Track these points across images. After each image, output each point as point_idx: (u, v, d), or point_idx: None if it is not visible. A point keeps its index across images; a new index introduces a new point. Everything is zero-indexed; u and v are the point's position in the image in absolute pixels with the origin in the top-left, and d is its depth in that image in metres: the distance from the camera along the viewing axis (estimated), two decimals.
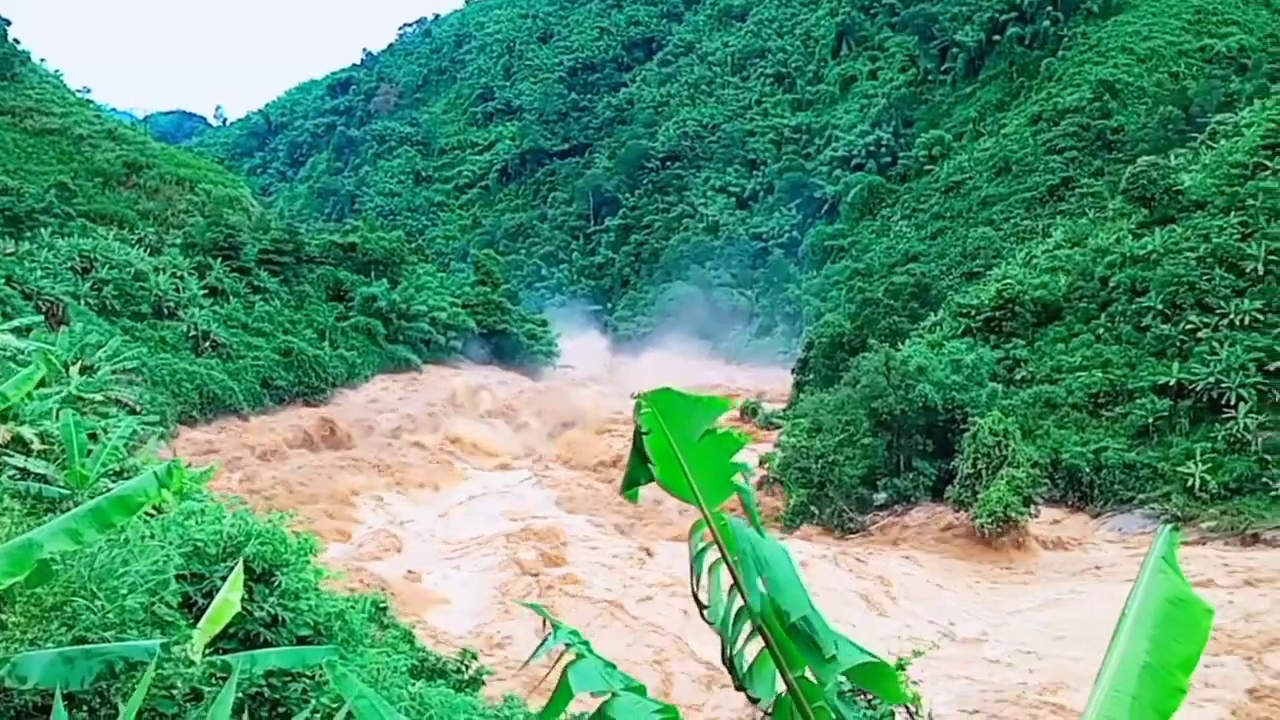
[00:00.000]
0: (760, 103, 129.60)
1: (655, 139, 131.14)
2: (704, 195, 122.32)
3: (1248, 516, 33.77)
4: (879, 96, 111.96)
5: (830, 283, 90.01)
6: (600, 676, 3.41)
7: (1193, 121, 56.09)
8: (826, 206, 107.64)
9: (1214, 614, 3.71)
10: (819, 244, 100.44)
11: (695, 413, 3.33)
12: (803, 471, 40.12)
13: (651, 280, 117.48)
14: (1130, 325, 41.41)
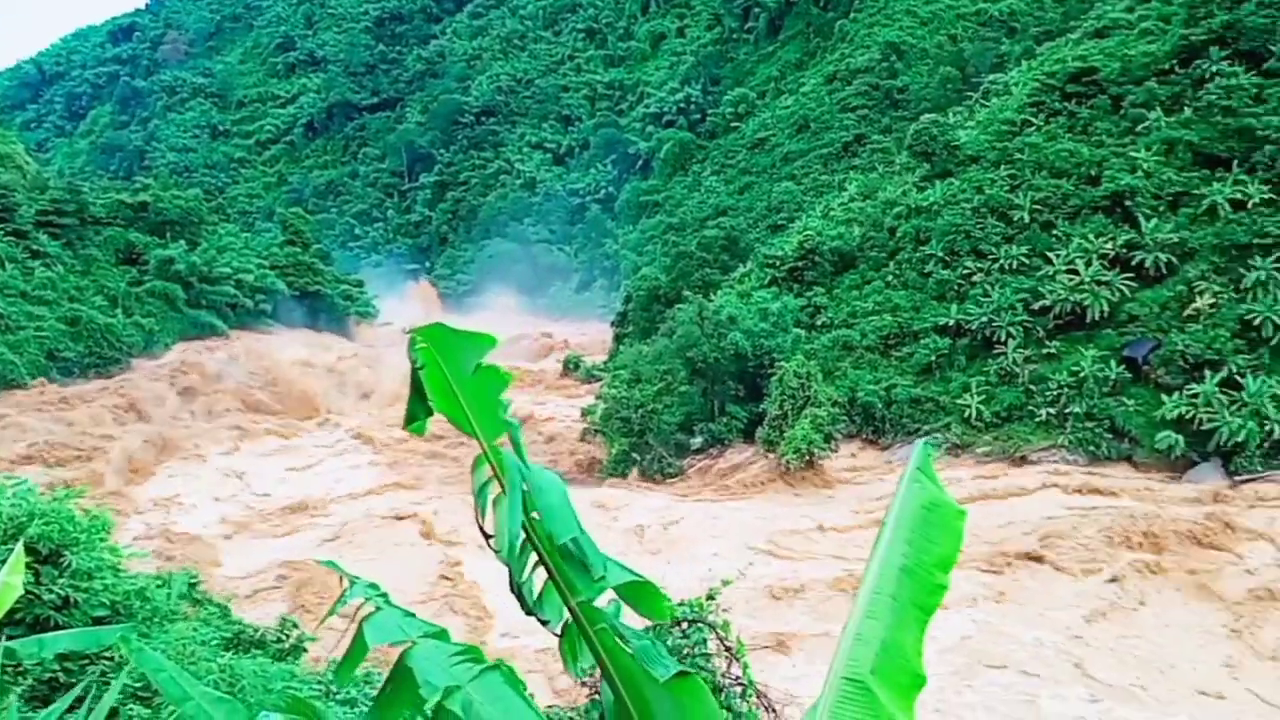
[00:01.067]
0: (573, 58, 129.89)
1: (469, 94, 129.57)
2: (520, 151, 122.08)
3: (1017, 441, 37.67)
4: (687, 54, 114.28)
5: (646, 237, 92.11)
6: (398, 627, 3.39)
7: (969, 81, 60.45)
8: (641, 162, 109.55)
9: (966, 515, 3.89)
10: (634, 199, 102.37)
11: (467, 347, 3.34)
12: (624, 421, 41.87)
13: (470, 238, 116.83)
14: (915, 271, 44.90)
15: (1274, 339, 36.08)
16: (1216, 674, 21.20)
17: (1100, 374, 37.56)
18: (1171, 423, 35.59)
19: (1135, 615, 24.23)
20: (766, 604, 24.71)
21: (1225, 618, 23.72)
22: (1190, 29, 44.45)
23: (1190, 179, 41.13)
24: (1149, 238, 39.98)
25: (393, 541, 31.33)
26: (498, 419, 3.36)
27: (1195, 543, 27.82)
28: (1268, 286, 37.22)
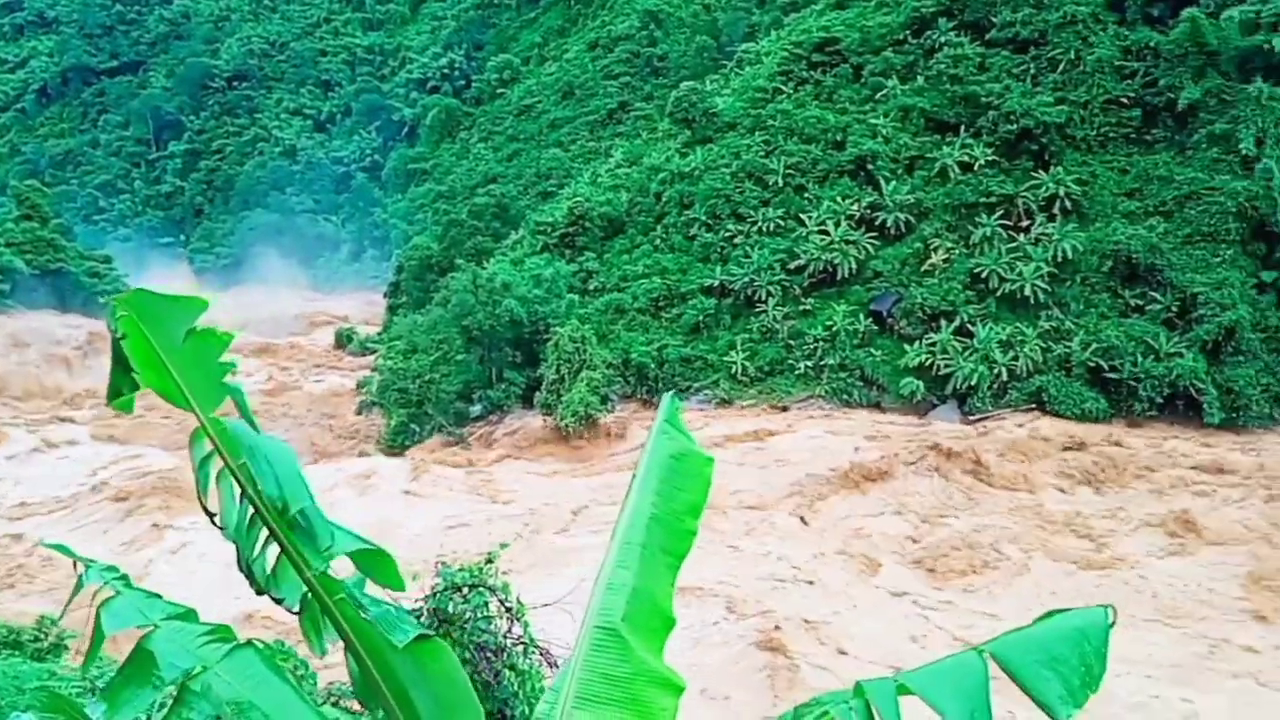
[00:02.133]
0: (329, 21, 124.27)
1: (218, 57, 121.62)
2: (278, 118, 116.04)
3: (779, 393, 39.61)
4: (449, 19, 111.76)
5: (416, 206, 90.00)
6: (138, 611, 3.23)
7: (723, 50, 62.42)
8: (406, 129, 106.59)
9: (713, 463, 4.16)
10: (401, 167, 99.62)
11: (175, 313, 3.10)
12: (401, 392, 41.03)
13: (229, 209, 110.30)
14: (681, 235, 46.12)
15: (999, 290, 39.47)
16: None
17: (851, 328, 39.99)
18: (913, 370, 38.43)
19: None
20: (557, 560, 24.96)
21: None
22: (920, 1, 47.53)
23: (924, 143, 44.19)
24: (889, 199, 42.74)
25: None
26: (216, 386, 3.13)
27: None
28: (993, 242, 40.69)
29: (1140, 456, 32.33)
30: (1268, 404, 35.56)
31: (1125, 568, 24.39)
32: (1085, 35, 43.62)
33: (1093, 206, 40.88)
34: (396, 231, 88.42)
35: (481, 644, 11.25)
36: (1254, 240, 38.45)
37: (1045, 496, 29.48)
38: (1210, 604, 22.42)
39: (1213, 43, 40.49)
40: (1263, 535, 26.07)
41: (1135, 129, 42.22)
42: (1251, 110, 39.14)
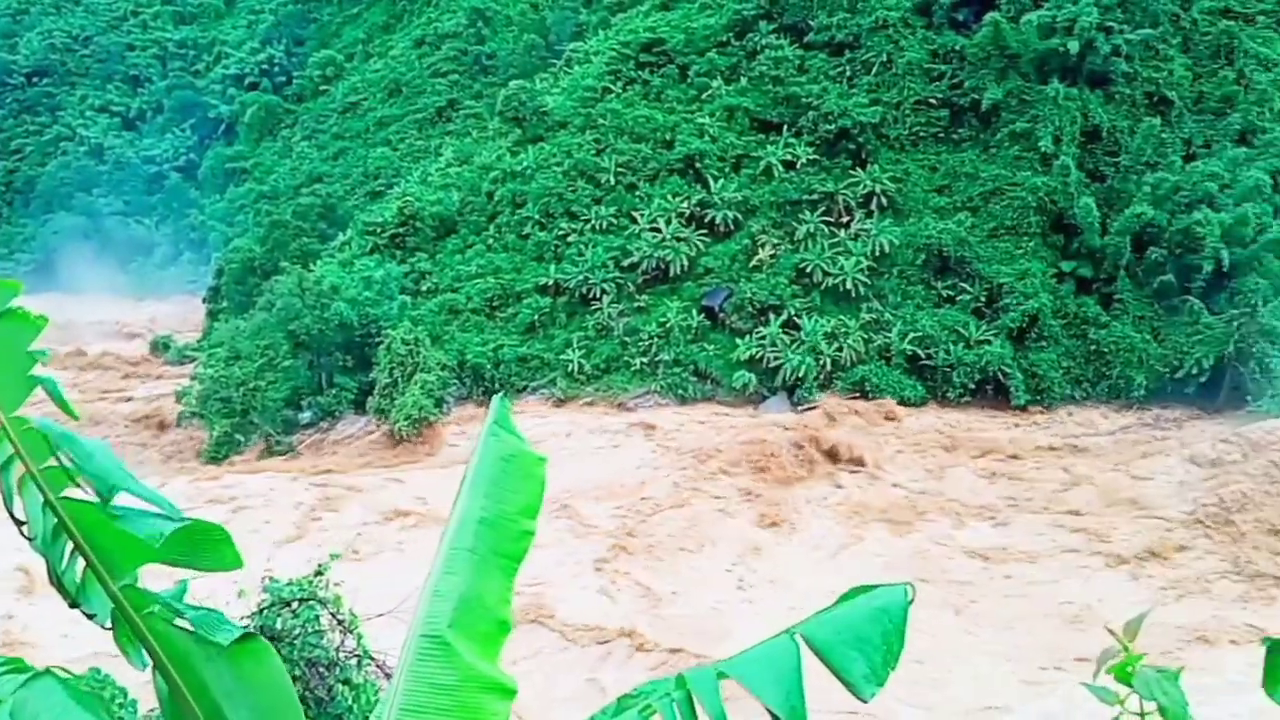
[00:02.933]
0: (137, 14, 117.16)
1: (16, 51, 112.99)
2: (83, 116, 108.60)
3: (616, 390, 39.78)
4: (266, 13, 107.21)
5: (236, 207, 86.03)
6: None
7: (552, 48, 62.31)
8: (224, 127, 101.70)
9: (546, 461, 4.08)
10: (219, 167, 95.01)
11: None
12: (224, 402, 39.08)
13: (29, 212, 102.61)
14: (515, 234, 45.73)
15: (823, 284, 40.81)
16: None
17: (684, 323, 40.55)
18: (745, 363, 39.31)
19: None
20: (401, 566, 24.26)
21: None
22: (742, 4, 48.66)
23: (749, 142, 45.25)
24: (717, 196, 43.57)
25: None
26: (20, 380, 2.83)
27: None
28: (816, 237, 42.05)
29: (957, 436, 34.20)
30: (1068, 385, 38.10)
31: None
32: (896, 39, 45.60)
33: (907, 203, 42.80)
34: (215, 234, 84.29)
35: (313, 659, 10.77)
36: (1053, 232, 41.09)
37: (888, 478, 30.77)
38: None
39: (1013, 46, 43.01)
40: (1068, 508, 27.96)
41: (944, 128, 44.44)
42: (1049, 110, 41.79)
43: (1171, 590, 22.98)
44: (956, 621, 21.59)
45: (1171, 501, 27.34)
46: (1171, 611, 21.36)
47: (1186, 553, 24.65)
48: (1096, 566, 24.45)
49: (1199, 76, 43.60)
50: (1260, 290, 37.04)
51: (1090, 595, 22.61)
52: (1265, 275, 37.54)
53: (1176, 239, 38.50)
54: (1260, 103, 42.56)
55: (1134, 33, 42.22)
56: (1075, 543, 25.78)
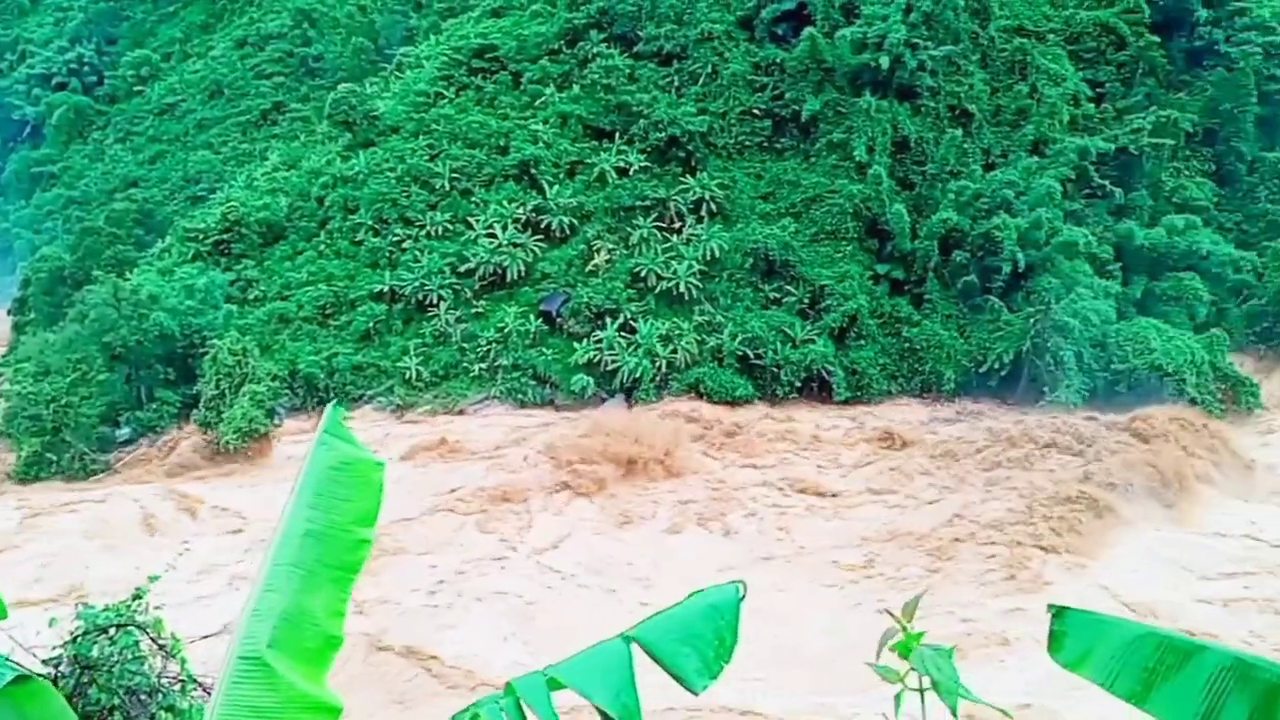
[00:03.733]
0: None
1: None
2: None
3: (455, 397, 39.29)
4: (75, 10, 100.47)
5: (44, 213, 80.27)
6: None
7: (381, 52, 60.88)
8: (29, 129, 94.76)
9: (384, 467, 3.97)
10: (24, 171, 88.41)
11: None
12: (33, 420, 36.46)
13: None
14: (347, 240, 44.51)
15: (658, 287, 41.45)
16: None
17: (522, 328, 40.42)
18: (583, 366, 39.52)
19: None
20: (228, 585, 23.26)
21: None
22: (573, 13, 48.89)
23: (583, 149, 45.51)
24: (553, 202, 43.63)
25: None
26: None
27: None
28: (650, 242, 42.69)
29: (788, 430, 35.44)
30: (885, 380, 39.99)
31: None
32: (721, 51, 46.76)
33: (734, 208, 43.98)
34: (21, 242, 78.38)
35: (133, 688, 10.21)
36: (869, 237, 43.02)
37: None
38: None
39: (829, 60, 44.79)
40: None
41: (767, 138, 45.89)
42: (863, 121, 43.72)
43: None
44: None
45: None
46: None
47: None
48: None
49: (996, 90, 46.52)
50: (1053, 289, 39.82)
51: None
52: (1057, 275, 40.37)
53: (978, 242, 40.96)
54: (1050, 115, 45.75)
55: (938, 49, 44.65)
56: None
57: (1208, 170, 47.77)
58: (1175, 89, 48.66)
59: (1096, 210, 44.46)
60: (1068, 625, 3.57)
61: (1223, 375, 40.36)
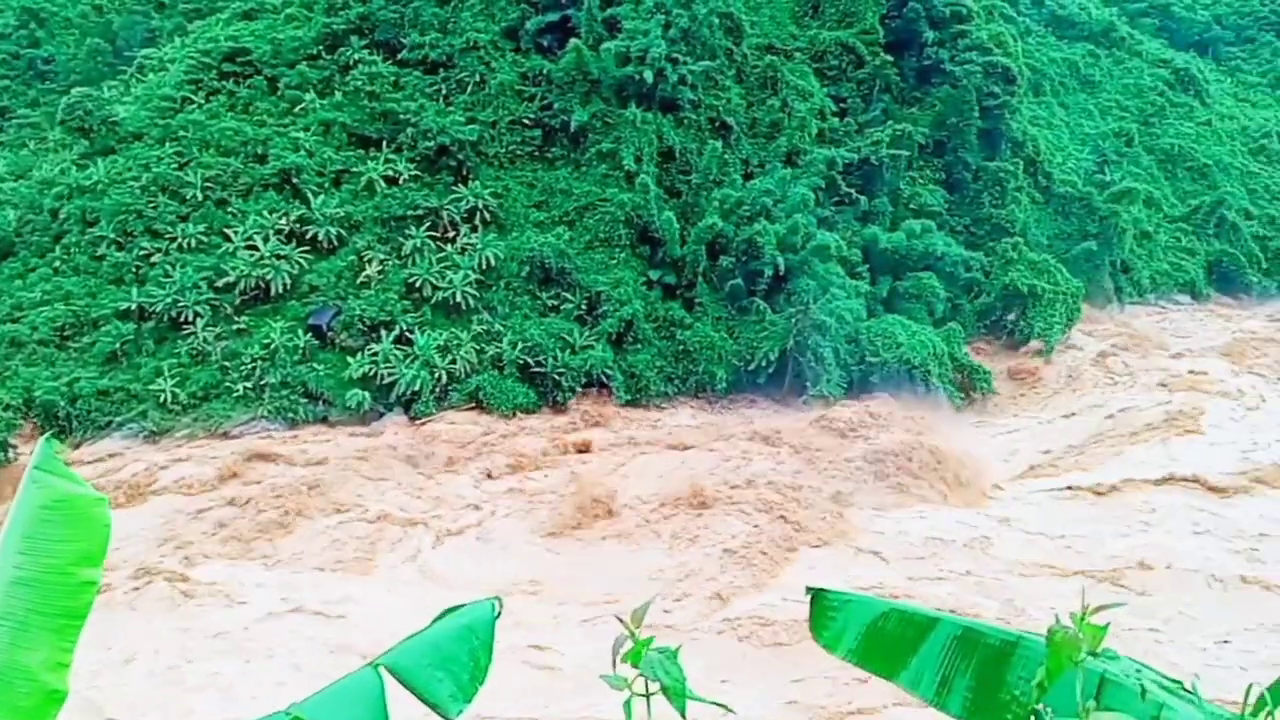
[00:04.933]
0: None
1: None
2: None
3: (218, 419, 36.48)
4: None
5: None
6: None
7: (120, 55, 56.12)
8: None
9: (106, 502, 3.61)
10: None
11: None
12: None
13: None
14: (86, 255, 40.49)
15: (433, 298, 40.22)
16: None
17: (290, 344, 38.12)
18: (358, 381, 37.73)
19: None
20: None
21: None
22: (331, 17, 46.78)
23: (348, 157, 43.58)
24: (318, 212, 41.48)
25: None
26: None
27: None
28: (423, 252, 41.35)
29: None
30: (662, 382, 40.58)
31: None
32: (488, 60, 46.10)
33: (508, 217, 43.40)
34: None
35: None
36: (641, 243, 43.56)
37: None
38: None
39: (595, 72, 45.07)
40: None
41: (538, 147, 45.61)
42: (630, 132, 44.26)
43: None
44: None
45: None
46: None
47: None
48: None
49: (751, 104, 48.34)
50: (810, 290, 41.74)
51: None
52: (813, 277, 42.35)
53: (742, 247, 42.35)
54: (801, 128, 48.01)
55: (696, 64, 45.91)
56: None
57: (939, 179, 51.57)
58: (909, 104, 52.25)
59: (845, 216, 47.08)
60: (825, 606, 3.73)
61: (960, 365, 43.75)
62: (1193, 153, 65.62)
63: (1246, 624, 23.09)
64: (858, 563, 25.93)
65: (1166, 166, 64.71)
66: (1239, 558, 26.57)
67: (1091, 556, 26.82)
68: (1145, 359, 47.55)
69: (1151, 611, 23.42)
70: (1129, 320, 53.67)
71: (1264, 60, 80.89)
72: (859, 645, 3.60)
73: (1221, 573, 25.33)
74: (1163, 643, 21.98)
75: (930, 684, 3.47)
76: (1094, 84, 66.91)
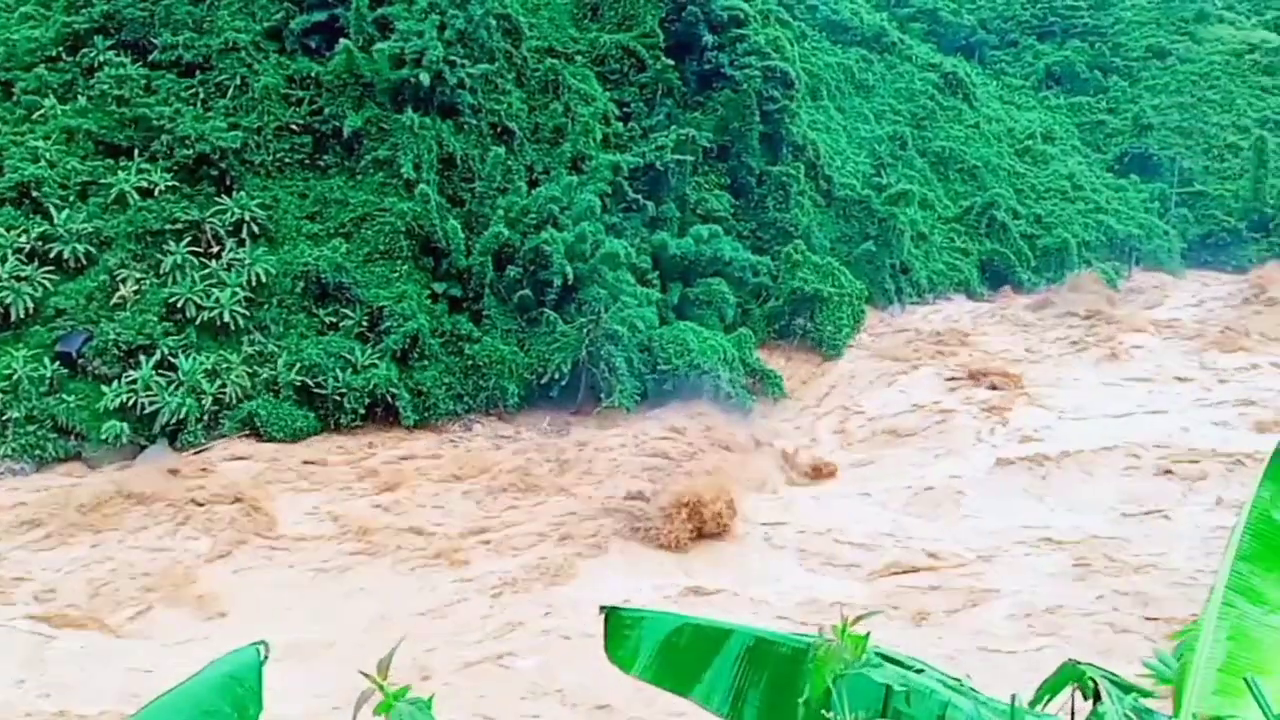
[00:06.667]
0: None
1: None
2: None
3: None
4: None
5: None
6: None
7: None
8: None
9: None
10: None
11: None
12: None
13: None
14: None
15: (198, 318, 39.47)
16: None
17: (35, 374, 36.62)
18: (115, 412, 36.64)
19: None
20: None
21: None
22: (72, 16, 45.03)
23: (95, 167, 42.12)
24: (63, 228, 39.95)
25: None
26: None
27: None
28: (185, 270, 40.46)
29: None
30: (451, 400, 41.48)
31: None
32: (249, 62, 45.55)
33: (279, 230, 43.14)
34: None
35: None
36: (424, 255, 44.24)
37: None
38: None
39: (367, 74, 45.41)
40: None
41: (309, 155, 45.48)
42: (407, 138, 44.87)
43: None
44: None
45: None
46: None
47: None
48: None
49: (534, 109, 49.96)
50: (601, 299, 43.71)
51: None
52: (604, 286, 44.36)
53: (529, 257, 43.83)
54: (585, 133, 50.02)
55: (475, 67, 47.04)
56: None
57: (724, 183, 54.83)
58: (692, 109, 55.28)
59: (633, 223, 49.44)
60: (619, 624, 3.86)
61: (751, 369, 46.86)
62: (963, 155, 72.20)
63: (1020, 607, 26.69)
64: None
65: (939, 169, 70.93)
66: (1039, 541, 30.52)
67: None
68: (934, 358, 52.22)
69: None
70: (909, 320, 58.63)
71: (1026, 63, 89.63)
72: (652, 662, 3.75)
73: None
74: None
75: (725, 697, 3.64)
76: (868, 88, 72.61)
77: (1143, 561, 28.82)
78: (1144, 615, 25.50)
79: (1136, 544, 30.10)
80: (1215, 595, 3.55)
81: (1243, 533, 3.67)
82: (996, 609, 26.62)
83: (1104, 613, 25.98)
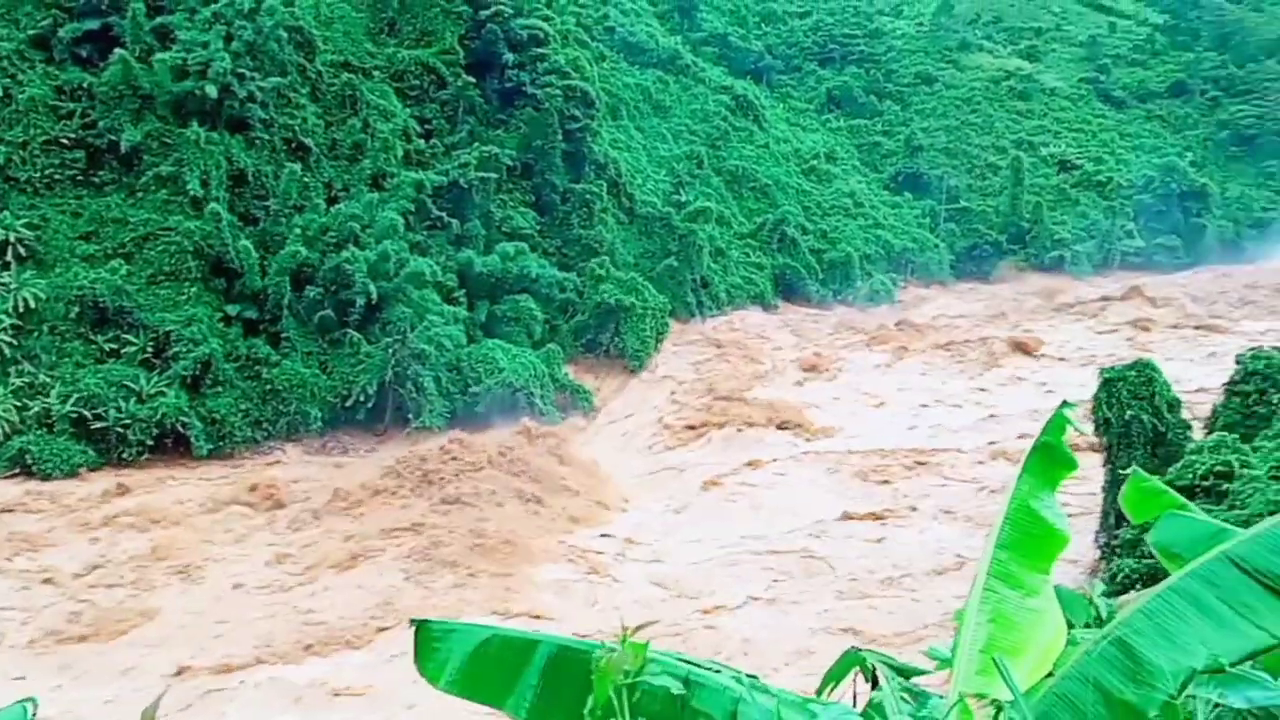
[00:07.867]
0: None
1: None
2: None
3: None
4: None
5: None
6: None
7: None
8: None
9: None
10: None
11: None
12: None
13: None
14: None
15: None
16: None
17: None
18: None
19: None
20: None
21: None
22: None
23: None
24: None
25: None
26: None
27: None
28: None
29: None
30: (249, 427, 38.99)
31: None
32: (13, 73, 41.72)
33: (49, 252, 39.59)
34: None
35: None
36: (214, 277, 41.53)
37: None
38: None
39: (147, 86, 42.35)
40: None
41: (82, 171, 42.00)
42: (193, 153, 42.03)
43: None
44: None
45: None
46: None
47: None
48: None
49: (330, 124, 47.94)
50: (407, 318, 42.23)
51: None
52: (409, 305, 42.90)
53: (330, 276, 41.86)
54: (385, 150, 48.38)
55: (266, 80, 44.66)
56: None
57: (529, 201, 54.22)
58: (494, 126, 54.47)
59: (438, 240, 48.11)
60: (428, 637, 3.78)
61: (561, 385, 46.35)
62: (755, 173, 74.28)
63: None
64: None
65: (733, 187, 72.66)
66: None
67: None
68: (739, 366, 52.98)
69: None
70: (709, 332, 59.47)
71: (810, 88, 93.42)
72: (461, 675, 3.66)
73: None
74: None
75: (532, 706, 3.62)
76: (665, 109, 73.68)
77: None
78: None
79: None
80: (978, 581, 3.74)
81: (1003, 522, 3.90)
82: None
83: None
